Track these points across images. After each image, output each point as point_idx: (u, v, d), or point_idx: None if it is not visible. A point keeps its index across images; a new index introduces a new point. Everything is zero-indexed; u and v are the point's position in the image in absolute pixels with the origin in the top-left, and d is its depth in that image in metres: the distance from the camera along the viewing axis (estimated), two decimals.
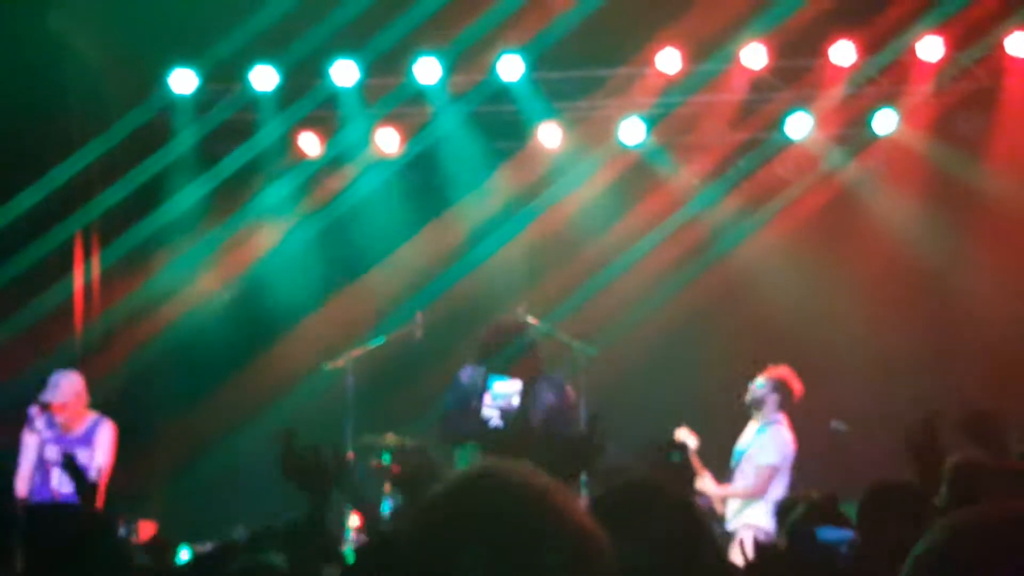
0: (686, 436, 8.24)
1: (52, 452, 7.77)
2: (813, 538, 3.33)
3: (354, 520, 8.66)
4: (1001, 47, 9.67)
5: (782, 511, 5.01)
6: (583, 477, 7.00)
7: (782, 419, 8.51)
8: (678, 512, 3.25)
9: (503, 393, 7.42)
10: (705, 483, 8.47)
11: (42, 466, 7.81)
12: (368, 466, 9.04)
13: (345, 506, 8.84)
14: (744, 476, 8.46)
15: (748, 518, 8.32)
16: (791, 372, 8.55)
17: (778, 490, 8.36)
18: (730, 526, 8.39)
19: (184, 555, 7.46)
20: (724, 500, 8.54)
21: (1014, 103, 9.95)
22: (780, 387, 8.49)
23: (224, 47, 9.57)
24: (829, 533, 3.48)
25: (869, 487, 4.09)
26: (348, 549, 7.14)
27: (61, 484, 7.72)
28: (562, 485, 1.89)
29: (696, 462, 8.11)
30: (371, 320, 9.96)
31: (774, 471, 8.38)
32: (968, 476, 3.85)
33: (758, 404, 8.50)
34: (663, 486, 3.43)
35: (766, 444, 8.43)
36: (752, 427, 8.57)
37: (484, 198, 10.68)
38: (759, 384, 8.50)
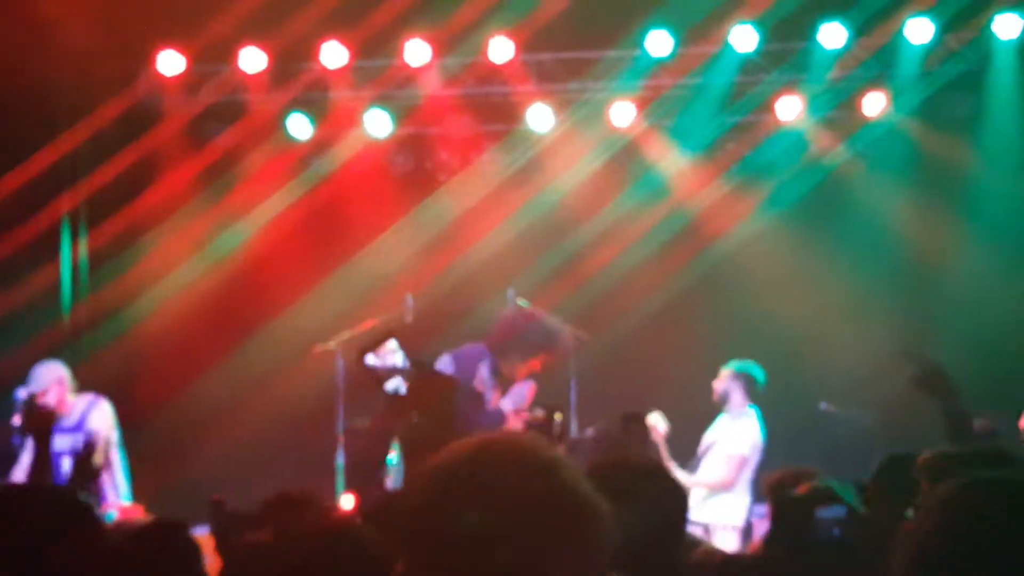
0: (658, 420, 8.13)
1: (57, 442, 7.73)
2: (811, 516, 3.34)
3: (349, 501, 8.66)
4: (989, 29, 9.68)
5: (772, 487, 5.02)
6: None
7: (751, 412, 8.48)
8: (671, 492, 3.26)
9: (520, 394, 7.18)
10: (673, 471, 8.43)
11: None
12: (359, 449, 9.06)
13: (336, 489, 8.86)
14: (713, 466, 8.42)
15: (717, 510, 8.23)
16: (752, 363, 8.52)
17: (745, 481, 8.35)
18: (695, 516, 8.31)
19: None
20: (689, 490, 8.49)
21: (1002, 86, 9.96)
22: (740, 378, 8.47)
23: (213, 29, 9.55)
24: (823, 512, 3.48)
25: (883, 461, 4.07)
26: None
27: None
28: (566, 457, 1.91)
29: (664, 449, 8.05)
30: (361, 303, 9.94)
31: (744, 461, 8.35)
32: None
33: (724, 398, 8.51)
34: (658, 466, 3.45)
35: (737, 434, 8.41)
36: (723, 419, 8.55)
37: (474, 181, 10.67)
38: (720, 378, 8.51)
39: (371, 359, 6.67)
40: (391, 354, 6.72)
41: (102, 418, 7.89)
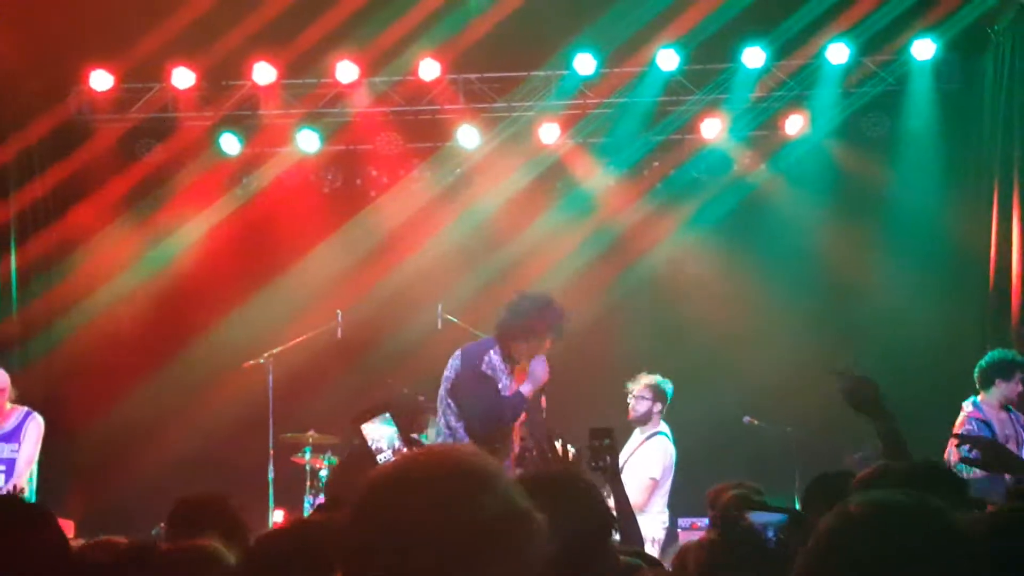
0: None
1: None
2: (743, 521, 3.41)
3: (279, 516, 8.72)
4: (907, 51, 9.97)
5: (713, 498, 5.15)
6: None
7: (665, 428, 8.46)
8: (596, 507, 3.35)
9: (537, 374, 6.89)
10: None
11: None
12: (290, 463, 9.11)
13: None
14: (627, 487, 8.34)
15: None
16: (662, 378, 8.49)
17: (658, 502, 8.33)
18: None
19: None
20: None
21: (917, 106, 10.24)
22: (654, 394, 8.41)
23: (143, 47, 9.57)
24: (758, 516, 3.55)
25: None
26: None
27: None
28: (503, 469, 1.98)
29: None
30: (291, 319, 9.99)
31: (656, 485, 8.31)
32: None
33: (640, 418, 8.42)
34: (585, 479, 3.53)
35: (650, 456, 8.37)
36: (637, 435, 8.49)
37: (404, 197, 10.76)
38: (631, 395, 8.43)
39: (367, 428, 6.67)
40: (384, 426, 6.72)
41: (37, 433, 7.94)
